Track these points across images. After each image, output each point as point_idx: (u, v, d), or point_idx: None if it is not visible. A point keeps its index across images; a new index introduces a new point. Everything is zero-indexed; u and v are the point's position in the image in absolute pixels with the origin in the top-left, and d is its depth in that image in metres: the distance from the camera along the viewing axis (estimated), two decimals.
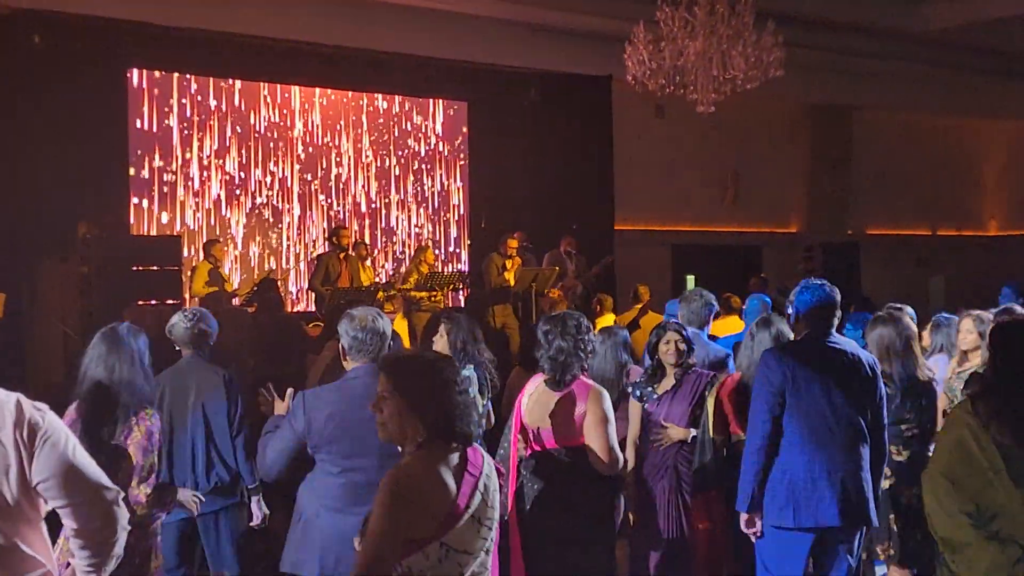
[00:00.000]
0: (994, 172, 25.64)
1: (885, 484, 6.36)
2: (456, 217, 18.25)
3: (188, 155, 15.63)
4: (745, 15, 12.52)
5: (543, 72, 17.52)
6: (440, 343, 6.91)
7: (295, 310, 16.01)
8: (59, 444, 3.43)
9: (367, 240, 16.64)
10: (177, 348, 6.68)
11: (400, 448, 3.71)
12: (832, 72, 20.02)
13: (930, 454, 6.29)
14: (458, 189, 18.26)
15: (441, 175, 18.11)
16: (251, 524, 6.52)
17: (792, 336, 6.28)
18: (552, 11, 16.05)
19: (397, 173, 17.63)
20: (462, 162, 18.23)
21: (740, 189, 21.28)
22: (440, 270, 16.17)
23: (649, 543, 6.73)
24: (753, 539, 5.89)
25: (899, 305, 7.31)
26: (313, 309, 14.97)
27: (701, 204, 20.75)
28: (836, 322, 5.91)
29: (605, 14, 15.75)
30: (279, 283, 14.68)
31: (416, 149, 17.82)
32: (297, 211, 16.61)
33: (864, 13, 17.87)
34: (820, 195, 22.07)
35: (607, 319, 12.90)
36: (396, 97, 17.62)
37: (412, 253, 16.46)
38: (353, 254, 14.65)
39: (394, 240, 17.63)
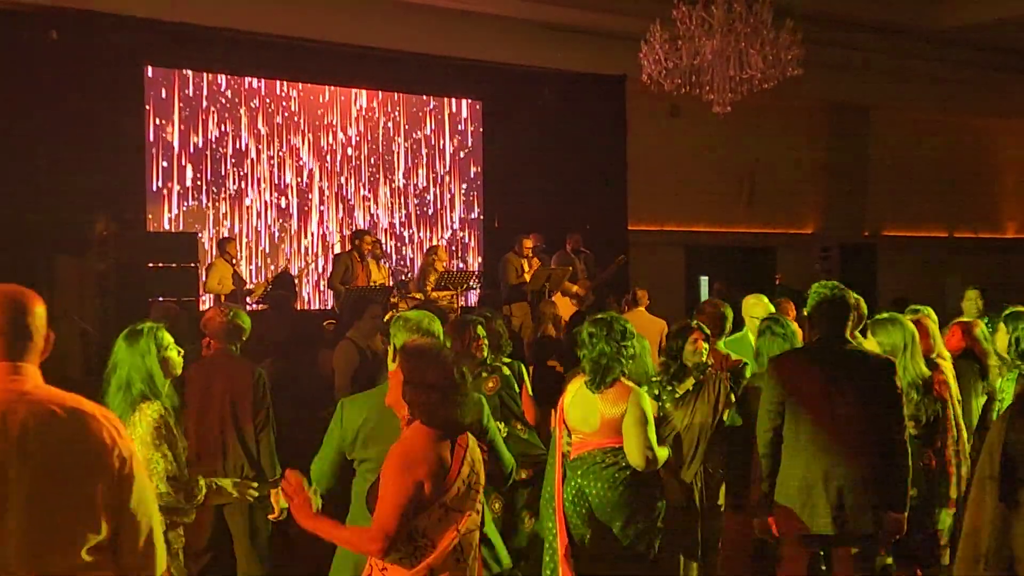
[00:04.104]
0: (1012, 174, 25.50)
1: None
2: (470, 217, 18.23)
3: (206, 152, 15.65)
4: (763, 13, 12.48)
5: (558, 71, 17.51)
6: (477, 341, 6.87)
7: (311, 307, 16.04)
8: None
9: (380, 239, 16.61)
10: (207, 342, 6.82)
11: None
12: (849, 71, 19.97)
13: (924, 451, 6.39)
14: (472, 188, 18.24)
15: (455, 174, 18.10)
16: (269, 517, 6.53)
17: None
18: (567, 10, 16.04)
19: (410, 170, 17.61)
20: (474, 162, 18.21)
21: (755, 189, 21.22)
22: (452, 269, 16.17)
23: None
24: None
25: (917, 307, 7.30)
26: (330, 306, 15.00)
27: (716, 204, 20.68)
28: (849, 324, 5.84)
29: (621, 13, 15.74)
30: (295, 280, 14.71)
31: (431, 148, 17.81)
32: (314, 208, 16.61)
33: (882, 11, 17.84)
34: (836, 195, 22.02)
35: (639, 313, 12.78)
36: (411, 96, 17.61)
37: (424, 253, 16.48)
38: (370, 258, 14.66)
39: (406, 239, 17.62)
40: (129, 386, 5.29)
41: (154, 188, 15.17)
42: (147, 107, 15.09)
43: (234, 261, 14.26)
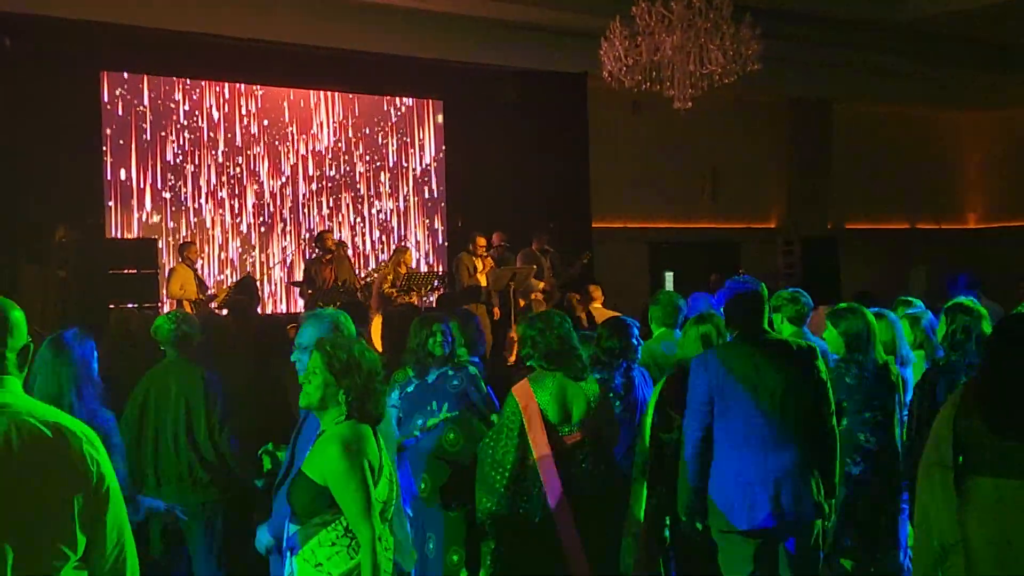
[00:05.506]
0: (973, 165, 25.68)
1: (855, 471, 6.37)
2: (433, 217, 18.17)
3: (163, 158, 15.54)
4: (723, 8, 12.49)
5: (519, 70, 17.49)
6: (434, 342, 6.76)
7: (276, 311, 15.97)
8: None
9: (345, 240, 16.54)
10: (162, 348, 6.82)
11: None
12: (810, 65, 20.02)
13: (896, 439, 6.50)
14: (435, 188, 18.19)
15: (417, 175, 18.04)
16: None
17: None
18: (527, 7, 16.00)
19: (373, 173, 17.55)
20: (436, 163, 18.16)
21: (718, 184, 21.28)
22: (417, 270, 16.13)
23: None
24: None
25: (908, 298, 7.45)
26: (294, 310, 14.95)
27: (679, 200, 20.74)
28: (765, 316, 5.88)
29: (580, 10, 15.72)
30: (257, 283, 14.62)
31: (393, 149, 17.75)
32: (273, 211, 16.52)
33: (841, 5, 17.88)
34: (799, 189, 22.07)
35: (595, 309, 12.88)
36: (371, 99, 17.54)
37: (390, 254, 16.42)
38: (339, 252, 14.62)
39: (370, 241, 17.56)
40: (60, 398, 5.20)
41: (112, 195, 15.05)
42: (104, 114, 14.98)
43: (195, 266, 14.18)
